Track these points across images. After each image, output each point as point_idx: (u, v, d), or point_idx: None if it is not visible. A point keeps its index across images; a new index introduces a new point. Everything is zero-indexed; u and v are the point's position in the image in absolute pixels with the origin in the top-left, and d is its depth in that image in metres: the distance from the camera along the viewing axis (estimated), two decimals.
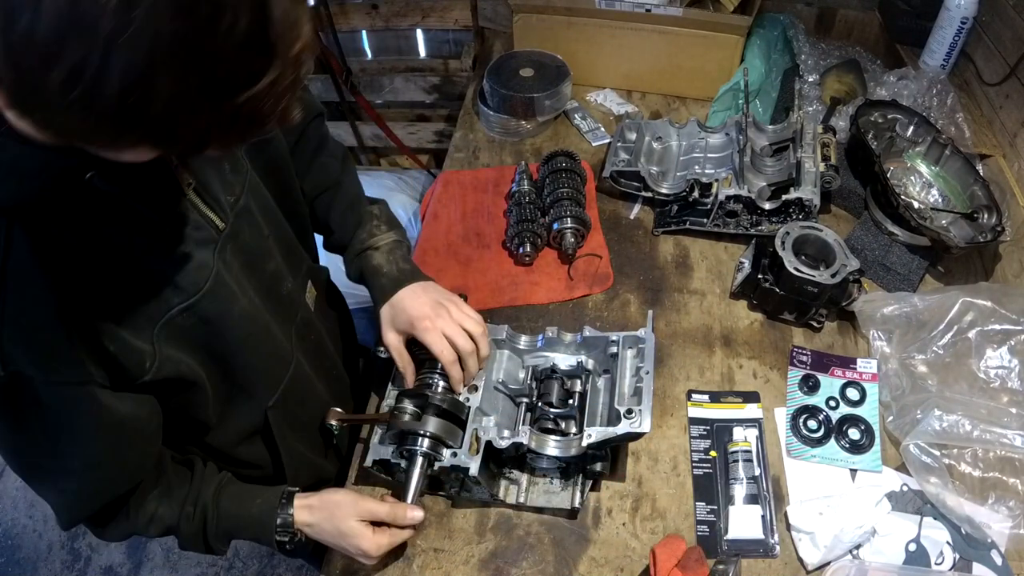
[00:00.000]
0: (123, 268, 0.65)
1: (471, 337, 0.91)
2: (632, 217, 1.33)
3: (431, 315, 0.90)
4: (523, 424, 0.95)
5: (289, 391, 0.88)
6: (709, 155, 1.30)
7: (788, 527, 0.91)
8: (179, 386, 0.73)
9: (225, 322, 0.75)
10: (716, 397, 1.05)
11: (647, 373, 0.90)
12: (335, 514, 0.84)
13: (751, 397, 1.04)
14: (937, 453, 0.91)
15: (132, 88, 0.42)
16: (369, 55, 2.13)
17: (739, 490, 0.94)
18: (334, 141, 1.04)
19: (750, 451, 0.97)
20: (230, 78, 0.45)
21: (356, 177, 1.06)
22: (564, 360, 1.00)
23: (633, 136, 1.36)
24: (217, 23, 0.42)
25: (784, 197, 1.17)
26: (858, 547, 0.89)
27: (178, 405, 0.76)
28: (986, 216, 1.15)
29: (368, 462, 0.90)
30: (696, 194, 1.21)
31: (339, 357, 1.07)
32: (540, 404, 0.95)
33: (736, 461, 0.96)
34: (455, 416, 0.90)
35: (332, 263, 1.06)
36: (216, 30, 0.42)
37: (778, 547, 0.90)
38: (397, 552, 0.91)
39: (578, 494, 0.92)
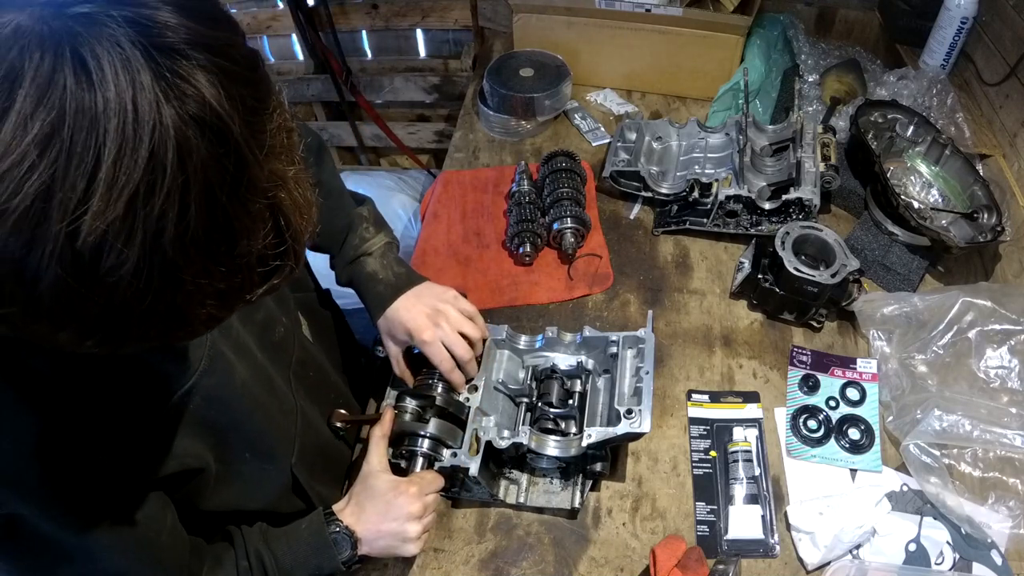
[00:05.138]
0: (110, 371, 0.59)
1: (470, 341, 0.92)
2: (632, 217, 1.33)
3: (428, 325, 0.90)
4: (523, 424, 0.95)
5: (304, 442, 0.85)
6: (709, 155, 1.30)
7: (788, 527, 0.91)
8: (187, 477, 0.69)
9: (229, 396, 0.71)
10: (716, 397, 1.05)
11: (647, 373, 0.90)
12: (370, 483, 0.83)
13: (751, 397, 1.04)
14: (937, 453, 0.91)
15: (152, 327, 0.42)
16: (369, 55, 2.13)
17: (739, 490, 0.94)
18: (306, 130, 0.97)
19: (750, 451, 0.97)
20: (249, 283, 0.45)
21: (335, 171, 1.01)
22: (564, 360, 1.00)
23: (633, 136, 1.36)
24: (236, 250, 0.43)
25: (784, 197, 1.16)
26: (858, 547, 0.89)
27: (192, 492, 0.72)
28: (986, 216, 1.15)
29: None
30: (696, 194, 1.21)
31: (344, 378, 1.04)
32: (540, 404, 0.95)
33: (736, 461, 0.96)
34: (455, 416, 0.90)
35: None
36: (235, 257, 0.43)
37: (778, 547, 0.90)
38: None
39: (578, 494, 0.92)
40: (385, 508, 0.82)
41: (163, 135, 0.37)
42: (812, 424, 1.00)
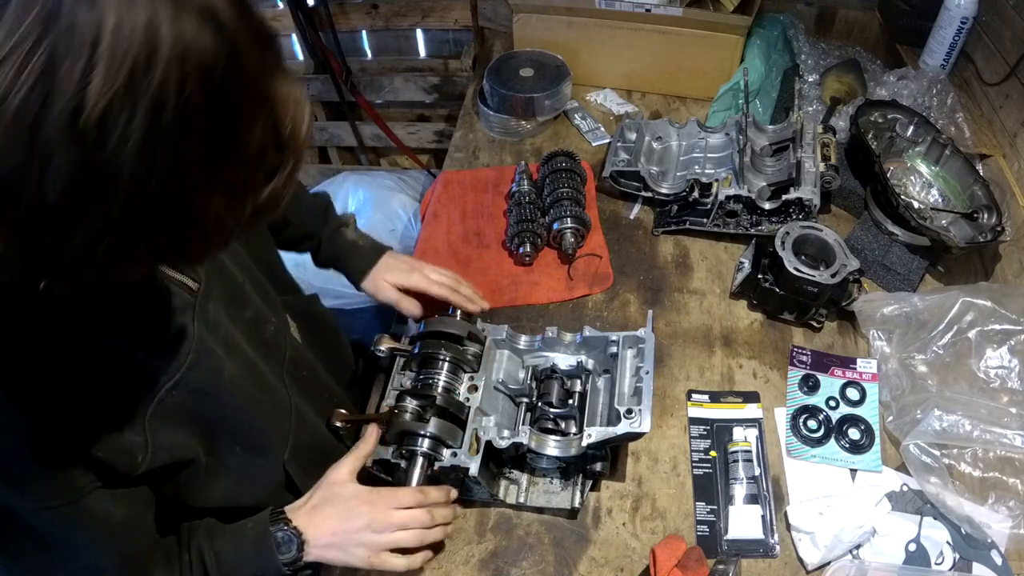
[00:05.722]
0: (98, 367, 0.60)
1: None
2: (632, 217, 1.33)
3: (410, 272, 1.03)
4: (523, 424, 0.95)
5: (298, 439, 0.85)
6: (709, 155, 1.30)
7: (788, 527, 0.91)
8: (176, 468, 0.70)
9: (217, 390, 0.71)
10: (716, 397, 1.05)
11: (647, 373, 0.90)
12: (336, 489, 0.82)
13: (751, 397, 1.04)
14: (937, 453, 0.91)
15: (162, 227, 0.43)
16: (369, 55, 2.13)
17: (739, 490, 0.94)
18: None
19: (750, 451, 0.97)
20: (253, 181, 0.48)
21: None
22: (564, 360, 1.00)
23: (633, 136, 1.36)
24: (236, 139, 0.44)
25: (784, 197, 1.16)
26: (858, 547, 0.89)
27: (182, 487, 0.73)
28: (986, 216, 1.15)
29: (368, 462, 0.90)
30: (696, 194, 1.22)
31: (334, 379, 1.03)
32: (540, 404, 0.95)
33: (736, 461, 0.96)
34: (455, 416, 0.90)
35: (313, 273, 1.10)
36: (236, 147, 0.44)
37: (778, 547, 0.90)
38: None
39: (578, 494, 0.92)
40: (344, 512, 0.80)
41: (156, 6, 0.39)
42: (812, 424, 1.00)
